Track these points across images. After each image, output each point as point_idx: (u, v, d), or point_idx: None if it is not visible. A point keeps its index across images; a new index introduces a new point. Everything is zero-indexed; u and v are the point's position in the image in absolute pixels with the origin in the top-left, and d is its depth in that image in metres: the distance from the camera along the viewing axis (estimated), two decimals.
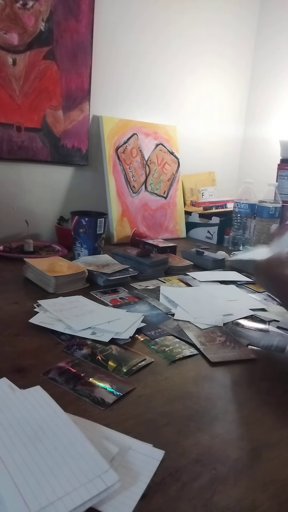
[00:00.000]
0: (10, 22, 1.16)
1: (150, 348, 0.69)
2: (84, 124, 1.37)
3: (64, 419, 0.47)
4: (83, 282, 0.95)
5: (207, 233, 1.55)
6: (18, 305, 0.82)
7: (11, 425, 0.46)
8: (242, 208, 1.40)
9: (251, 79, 1.85)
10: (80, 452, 0.42)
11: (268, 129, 1.79)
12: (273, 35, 1.74)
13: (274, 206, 1.35)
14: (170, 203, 1.58)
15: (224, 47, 1.72)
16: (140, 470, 0.42)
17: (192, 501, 0.40)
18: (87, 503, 0.37)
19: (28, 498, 0.36)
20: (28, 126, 1.26)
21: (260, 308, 0.91)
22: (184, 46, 1.59)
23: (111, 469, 0.40)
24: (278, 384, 0.62)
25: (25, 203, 1.33)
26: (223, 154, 1.87)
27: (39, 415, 0.47)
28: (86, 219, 1.10)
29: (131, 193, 1.46)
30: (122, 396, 0.55)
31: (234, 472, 0.44)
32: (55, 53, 1.26)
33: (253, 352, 0.71)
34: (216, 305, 0.90)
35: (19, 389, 0.53)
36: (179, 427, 0.50)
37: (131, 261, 1.08)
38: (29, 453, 0.41)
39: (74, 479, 0.39)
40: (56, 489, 0.38)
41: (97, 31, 1.33)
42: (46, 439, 0.44)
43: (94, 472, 0.40)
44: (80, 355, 0.64)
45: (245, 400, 0.57)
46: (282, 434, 0.51)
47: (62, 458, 0.41)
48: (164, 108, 1.60)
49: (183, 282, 1.04)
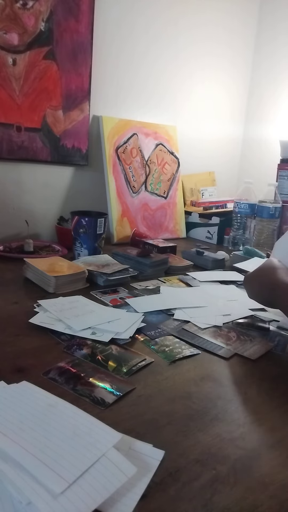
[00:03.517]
0: (10, 22, 1.16)
1: (150, 348, 0.69)
2: (84, 124, 1.37)
3: (61, 401, 0.50)
4: (83, 282, 0.95)
5: (207, 233, 1.55)
6: (18, 305, 0.82)
7: (17, 413, 0.47)
8: (242, 208, 1.40)
9: (251, 79, 1.85)
10: (90, 427, 0.45)
11: (268, 129, 1.79)
12: (273, 35, 1.74)
13: (274, 206, 1.35)
14: (170, 203, 1.58)
15: (224, 47, 1.72)
16: (140, 470, 0.42)
17: (192, 501, 0.40)
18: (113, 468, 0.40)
19: (60, 471, 0.38)
20: (28, 126, 1.26)
21: (260, 308, 0.91)
22: (184, 47, 1.59)
23: (122, 437, 0.44)
24: (278, 384, 0.62)
25: (25, 203, 1.33)
26: (223, 154, 1.87)
27: (36, 403, 0.49)
28: (86, 219, 1.10)
29: (131, 193, 1.46)
30: (122, 396, 0.55)
31: (234, 472, 0.44)
32: (55, 53, 1.26)
33: (270, 340, 0.75)
34: (216, 305, 0.90)
35: (7, 384, 0.54)
36: (179, 427, 0.50)
37: (131, 261, 1.08)
38: (43, 435, 0.43)
39: (93, 451, 0.42)
40: (80, 462, 0.40)
41: (97, 31, 1.33)
42: (53, 421, 0.46)
43: (109, 442, 0.43)
44: (80, 355, 0.64)
45: (245, 400, 0.57)
46: (282, 434, 0.51)
47: (75, 434, 0.44)
48: (164, 108, 1.60)
49: (183, 282, 1.04)
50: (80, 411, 0.48)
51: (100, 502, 0.37)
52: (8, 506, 0.36)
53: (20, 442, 0.41)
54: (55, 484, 0.37)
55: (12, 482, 0.37)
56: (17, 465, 0.39)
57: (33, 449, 0.41)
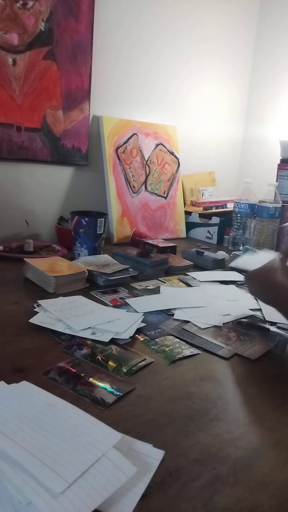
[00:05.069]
0: (10, 22, 1.16)
1: (150, 348, 0.69)
2: (84, 124, 1.37)
3: (61, 401, 0.50)
4: (83, 282, 0.95)
5: (207, 233, 1.55)
6: (18, 305, 0.82)
7: (17, 413, 0.47)
8: (242, 208, 1.40)
9: (251, 79, 1.85)
10: (90, 427, 0.45)
11: (268, 129, 1.79)
12: (272, 35, 1.74)
13: (274, 206, 1.35)
14: (170, 203, 1.58)
15: (224, 47, 1.72)
16: (140, 470, 0.42)
17: (192, 501, 0.40)
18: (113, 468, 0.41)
19: (60, 471, 0.38)
20: (28, 126, 1.26)
21: (260, 308, 0.91)
22: (184, 47, 1.59)
23: (122, 437, 0.44)
24: (278, 384, 0.62)
25: (25, 203, 1.33)
26: (223, 154, 1.87)
27: (36, 403, 0.49)
28: (86, 219, 1.10)
29: (131, 193, 1.46)
30: (122, 396, 0.55)
31: (234, 472, 0.44)
32: (55, 53, 1.26)
33: (270, 340, 0.75)
34: (216, 305, 0.90)
35: (7, 384, 0.54)
36: (179, 427, 0.50)
37: (131, 261, 1.08)
38: (43, 435, 0.44)
39: (93, 451, 0.42)
40: (80, 462, 0.40)
41: (97, 31, 1.33)
42: (53, 421, 0.46)
43: (109, 442, 0.43)
44: (80, 355, 0.64)
45: (245, 400, 0.57)
46: (282, 434, 0.51)
47: (75, 434, 0.44)
48: (164, 108, 1.60)
49: (183, 282, 1.04)
50: (80, 411, 0.48)
51: (100, 502, 0.37)
52: (8, 506, 0.36)
53: (20, 442, 0.41)
54: (55, 484, 0.37)
55: (12, 482, 0.37)
56: (17, 465, 0.39)
57: (33, 449, 0.41)
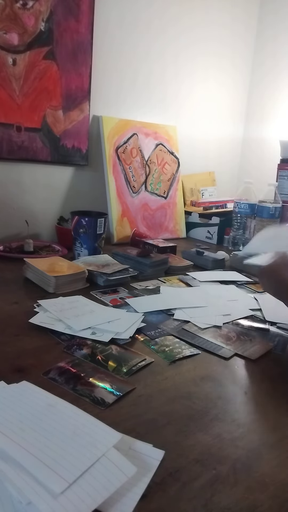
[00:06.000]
0: (10, 22, 1.16)
1: (150, 348, 0.69)
2: (84, 124, 1.37)
3: (61, 401, 0.50)
4: (83, 282, 0.95)
5: (207, 233, 1.55)
6: (18, 305, 0.82)
7: (17, 413, 0.47)
8: (242, 208, 1.40)
9: (251, 79, 1.85)
10: (90, 427, 0.45)
11: (268, 129, 1.79)
12: (272, 35, 1.74)
13: (274, 206, 1.35)
14: (170, 203, 1.58)
15: (224, 47, 1.72)
16: (140, 470, 0.42)
17: (192, 501, 0.40)
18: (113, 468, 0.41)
19: (60, 471, 0.39)
20: (28, 126, 1.26)
21: (260, 308, 0.91)
22: (184, 47, 1.59)
23: (122, 437, 0.44)
24: (278, 384, 0.62)
25: (25, 203, 1.33)
26: (223, 154, 1.87)
27: (36, 403, 0.49)
28: (86, 219, 1.10)
29: (131, 193, 1.46)
30: (122, 396, 0.55)
31: (234, 472, 0.44)
32: (55, 53, 1.26)
33: (270, 340, 0.76)
34: (216, 305, 0.90)
35: (7, 384, 0.54)
36: (179, 427, 0.50)
37: (131, 261, 1.08)
38: (43, 435, 0.44)
39: (93, 451, 0.42)
40: (80, 462, 0.40)
41: (97, 31, 1.33)
42: (53, 421, 0.46)
43: (109, 442, 0.43)
44: (80, 355, 0.64)
45: (245, 400, 0.57)
46: (282, 434, 0.51)
47: (75, 434, 0.44)
48: (164, 108, 1.60)
49: (183, 282, 1.04)
50: (80, 411, 0.48)
51: (100, 502, 0.37)
52: (8, 506, 0.36)
53: (20, 442, 0.41)
54: (55, 484, 0.37)
55: (12, 482, 0.37)
56: (17, 465, 0.39)
57: (33, 449, 0.41)
